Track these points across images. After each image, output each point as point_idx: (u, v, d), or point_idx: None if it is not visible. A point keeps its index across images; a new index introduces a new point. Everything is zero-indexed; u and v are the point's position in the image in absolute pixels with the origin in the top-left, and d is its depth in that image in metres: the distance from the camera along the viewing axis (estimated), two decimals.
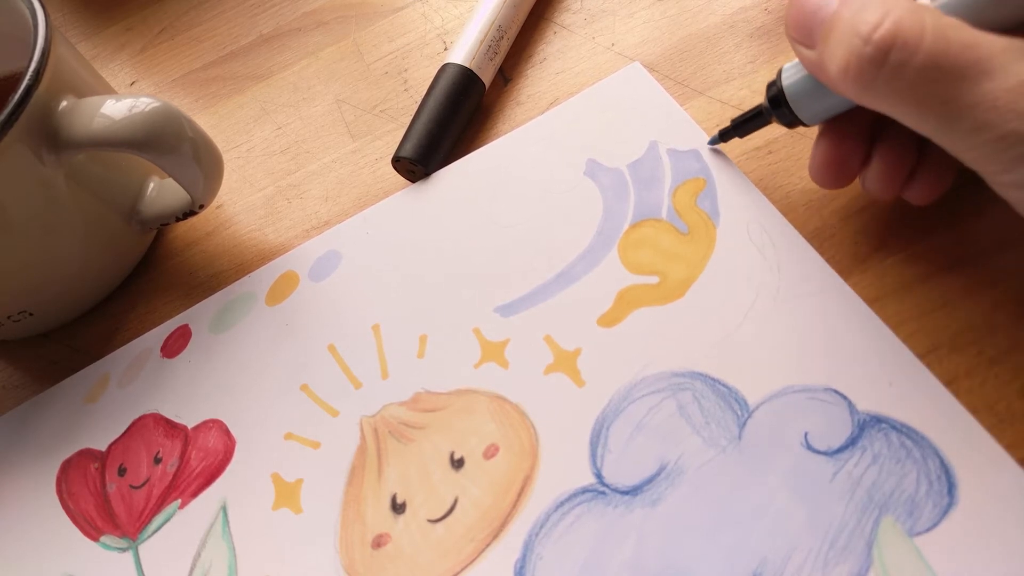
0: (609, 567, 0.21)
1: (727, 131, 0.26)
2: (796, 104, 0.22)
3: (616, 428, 0.23)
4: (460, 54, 0.31)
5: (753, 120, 0.25)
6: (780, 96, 0.23)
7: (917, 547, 0.19)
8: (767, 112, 0.24)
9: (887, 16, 0.17)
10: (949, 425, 0.21)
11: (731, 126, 0.26)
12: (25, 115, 0.24)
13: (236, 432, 0.26)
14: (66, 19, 0.43)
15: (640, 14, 0.32)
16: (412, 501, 0.23)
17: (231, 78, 0.37)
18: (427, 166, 0.30)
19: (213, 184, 0.28)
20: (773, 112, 0.23)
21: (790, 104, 0.23)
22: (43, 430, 0.28)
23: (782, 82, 0.23)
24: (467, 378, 0.25)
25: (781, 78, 0.23)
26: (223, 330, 0.29)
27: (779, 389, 0.22)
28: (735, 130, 0.26)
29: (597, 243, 0.27)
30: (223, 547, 0.24)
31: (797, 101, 0.22)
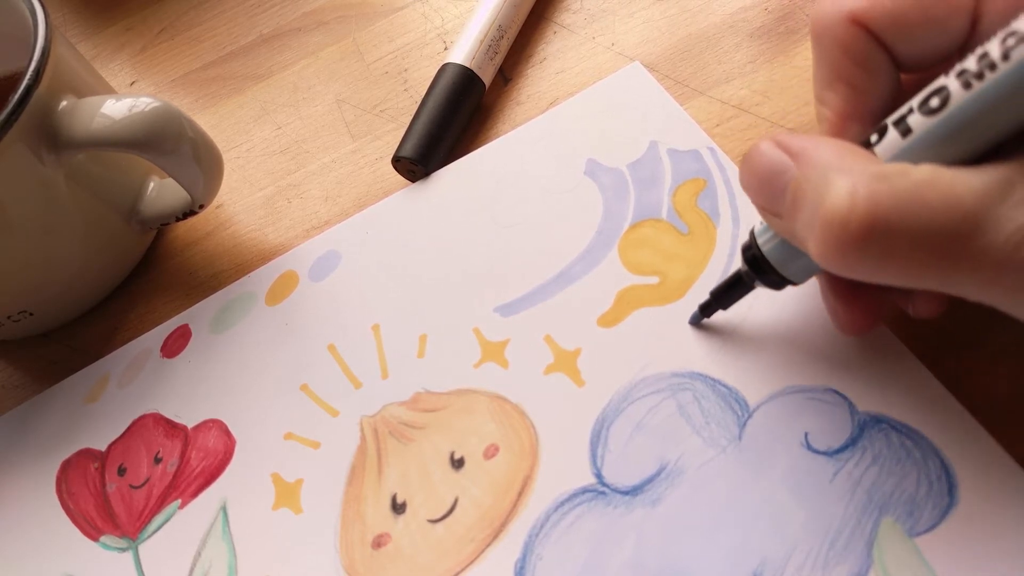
0: (609, 567, 0.21)
1: (708, 305, 0.23)
2: (779, 264, 0.20)
3: (616, 428, 0.23)
4: (460, 54, 0.31)
5: (734, 288, 0.22)
6: (760, 259, 0.20)
7: (917, 547, 0.19)
8: (748, 278, 0.21)
9: (855, 195, 0.15)
10: (949, 425, 0.21)
11: (711, 299, 0.23)
12: (25, 115, 0.24)
13: (236, 432, 0.26)
14: (66, 19, 0.43)
15: (640, 14, 0.32)
16: (412, 501, 0.23)
17: (231, 78, 0.37)
18: (427, 166, 0.30)
19: (213, 184, 0.28)
20: (756, 277, 0.21)
21: (775, 267, 0.20)
22: (43, 430, 0.28)
23: (759, 245, 0.20)
24: (467, 378, 0.25)
25: (756, 240, 0.20)
26: (223, 330, 0.29)
27: (779, 389, 0.22)
28: (716, 302, 0.23)
29: (597, 243, 0.27)
30: (223, 547, 0.24)
31: (779, 261, 0.20)
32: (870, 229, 0.15)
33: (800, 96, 0.28)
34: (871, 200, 0.15)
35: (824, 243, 0.16)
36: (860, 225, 0.15)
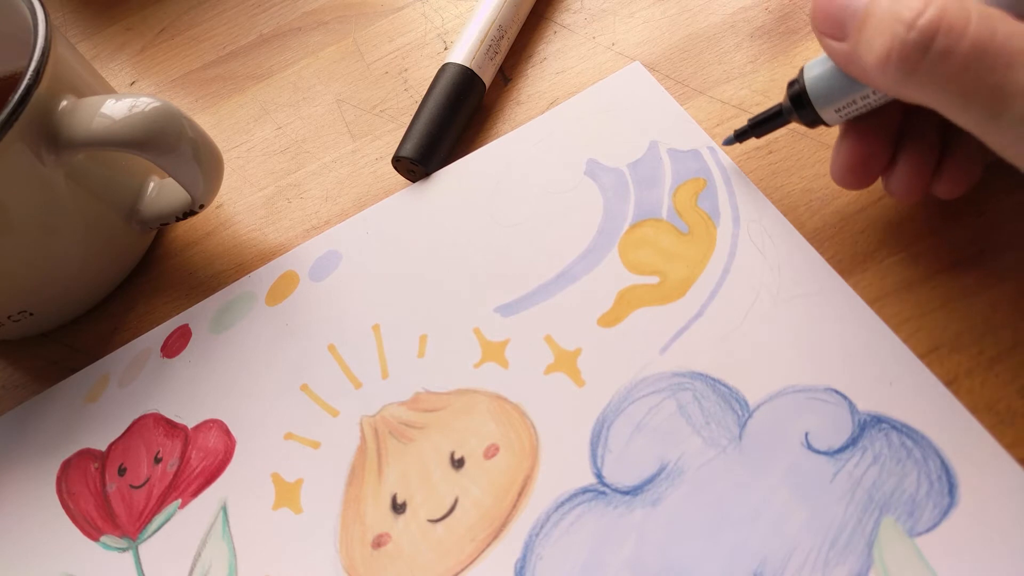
0: (609, 567, 0.21)
1: (744, 131, 0.25)
2: (819, 102, 0.22)
3: (616, 428, 0.23)
4: (460, 54, 0.31)
5: (771, 120, 0.24)
6: (802, 95, 0.22)
7: (918, 547, 0.19)
8: (787, 112, 0.23)
9: (930, 3, 0.17)
10: (949, 425, 0.21)
11: (748, 126, 0.25)
12: (25, 115, 0.24)
13: (236, 432, 0.26)
14: (66, 19, 0.43)
15: (640, 14, 0.32)
16: (412, 501, 0.23)
17: (231, 78, 0.37)
18: (427, 166, 0.30)
19: (213, 184, 0.28)
20: (794, 111, 0.23)
21: (813, 103, 0.22)
22: (43, 430, 0.28)
23: (804, 80, 0.22)
24: (467, 378, 0.25)
25: (803, 76, 0.22)
26: (223, 330, 0.29)
27: (779, 389, 0.22)
28: (752, 130, 0.25)
29: (597, 243, 0.26)
30: (223, 547, 0.24)
31: (820, 100, 0.22)
32: (935, 30, 0.17)
33: None
34: (942, 8, 0.17)
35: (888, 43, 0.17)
36: (926, 24, 0.17)
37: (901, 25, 0.17)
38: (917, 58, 0.17)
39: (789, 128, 0.27)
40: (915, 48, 0.17)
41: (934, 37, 0.17)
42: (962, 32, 0.16)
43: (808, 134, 0.27)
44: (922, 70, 0.17)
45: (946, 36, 0.17)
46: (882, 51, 0.18)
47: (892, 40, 0.17)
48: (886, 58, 0.17)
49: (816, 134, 0.27)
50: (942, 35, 0.17)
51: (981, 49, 0.16)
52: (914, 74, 0.17)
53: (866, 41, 0.18)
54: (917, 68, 0.17)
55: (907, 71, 0.17)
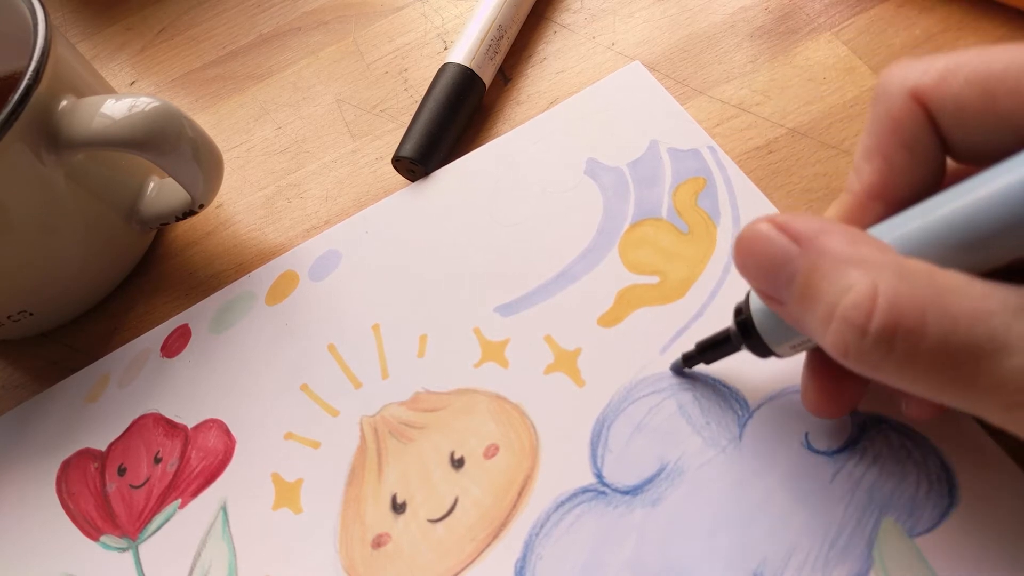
0: (609, 567, 0.21)
1: (691, 356, 0.22)
2: (769, 338, 0.19)
3: (616, 428, 0.23)
4: (460, 53, 0.31)
5: (720, 346, 0.21)
6: (750, 325, 0.19)
7: (918, 547, 0.19)
8: (736, 339, 0.20)
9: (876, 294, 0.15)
10: (949, 426, 0.21)
11: (695, 351, 0.22)
12: (25, 115, 0.24)
13: (236, 432, 0.26)
14: (66, 19, 0.43)
15: (640, 13, 0.32)
16: (412, 501, 0.23)
17: (231, 78, 0.37)
18: (427, 166, 0.30)
19: (213, 184, 0.28)
20: (744, 342, 0.20)
21: (762, 338, 0.19)
22: (43, 430, 0.28)
23: (750, 310, 0.19)
24: (467, 378, 0.25)
25: (749, 304, 0.20)
26: (223, 330, 0.29)
27: (779, 389, 0.22)
28: (699, 356, 0.22)
29: (597, 242, 0.26)
30: (223, 547, 0.24)
31: (770, 335, 0.19)
32: (892, 334, 0.15)
33: (800, 96, 0.28)
34: (893, 303, 0.15)
35: (843, 343, 0.15)
36: (880, 329, 0.15)
37: (852, 329, 0.15)
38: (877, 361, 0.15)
39: (789, 128, 0.27)
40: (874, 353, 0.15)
41: (891, 342, 0.15)
42: (921, 331, 0.15)
43: (809, 134, 0.27)
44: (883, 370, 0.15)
45: (905, 339, 0.15)
46: (836, 349, 0.16)
47: (845, 343, 0.15)
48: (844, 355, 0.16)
49: (817, 132, 0.27)
50: (900, 339, 0.15)
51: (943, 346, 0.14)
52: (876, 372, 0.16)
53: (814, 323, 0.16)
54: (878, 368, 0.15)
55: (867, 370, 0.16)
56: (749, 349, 0.20)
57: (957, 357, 0.14)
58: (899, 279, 0.15)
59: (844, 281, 0.15)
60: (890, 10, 0.29)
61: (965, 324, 0.14)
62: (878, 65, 0.28)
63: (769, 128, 0.28)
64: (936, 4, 0.29)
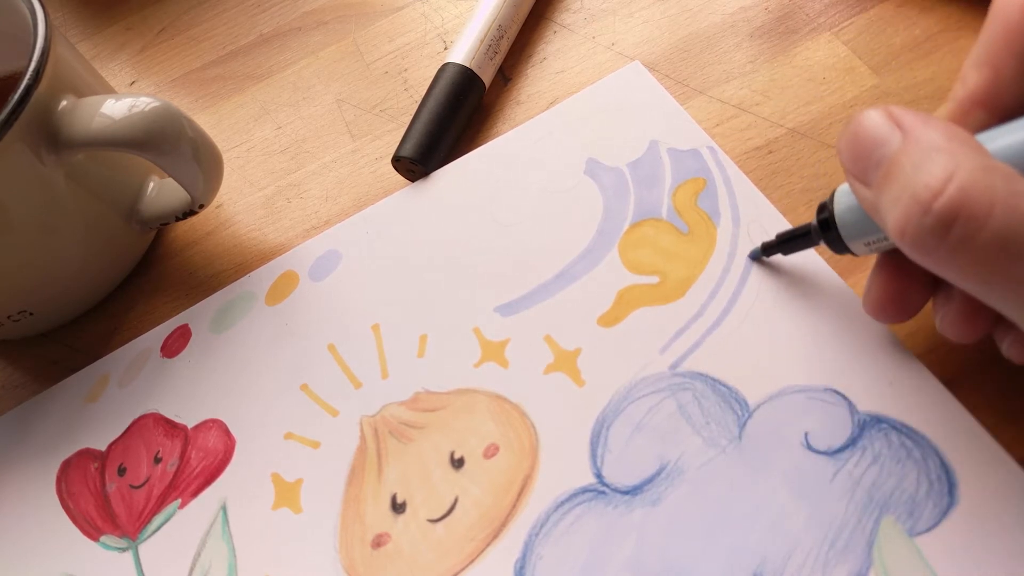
0: (609, 567, 0.21)
1: (770, 246, 0.24)
2: (847, 234, 0.20)
3: (616, 428, 0.23)
4: (460, 54, 0.31)
5: (799, 239, 0.23)
6: (831, 222, 0.21)
7: (918, 547, 0.19)
8: (816, 234, 0.22)
9: (952, 179, 0.15)
10: (949, 425, 0.21)
11: (775, 241, 0.23)
12: (25, 115, 0.24)
13: (236, 432, 0.26)
14: (66, 19, 0.43)
15: (640, 13, 0.32)
16: (412, 501, 0.23)
17: (231, 78, 0.37)
18: (427, 165, 0.30)
19: (213, 184, 0.28)
20: (822, 236, 0.21)
21: (841, 234, 0.20)
22: (43, 430, 0.28)
23: (834, 208, 0.20)
24: (467, 378, 0.25)
25: (833, 202, 0.21)
26: (223, 330, 0.29)
27: (779, 389, 0.22)
28: (778, 246, 0.23)
29: (597, 243, 0.26)
30: (223, 547, 0.24)
31: (848, 231, 0.20)
32: (954, 216, 0.15)
33: (800, 95, 0.28)
34: (965, 188, 0.15)
35: (905, 216, 0.16)
36: (945, 209, 0.15)
37: (917, 205, 0.15)
38: (933, 243, 0.15)
39: (789, 128, 0.27)
40: (931, 234, 0.15)
41: (951, 225, 0.15)
42: (983, 221, 0.15)
43: (808, 133, 0.27)
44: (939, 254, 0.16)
45: (964, 225, 0.15)
46: (898, 225, 0.16)
47: (907, 218, 0.16)
48: (901, 233, 0.16)
49: (817, 132, 0.27)
50: (960, 223, 0.15)
51: (1003, 241, 0.15)
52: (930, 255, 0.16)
53: (885, 204, 0.17)
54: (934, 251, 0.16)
55: (922, 252, 0.16)
56: (827, 244, 0.21)
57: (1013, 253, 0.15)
58: (979, 172, 0.15)
59: (927, 164, 0.16)
60: (890, 10, 0.29)
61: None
62: (878, 65, 0.28)
63: (769, 128, 0.28)
64: (936, 4, 0.29)
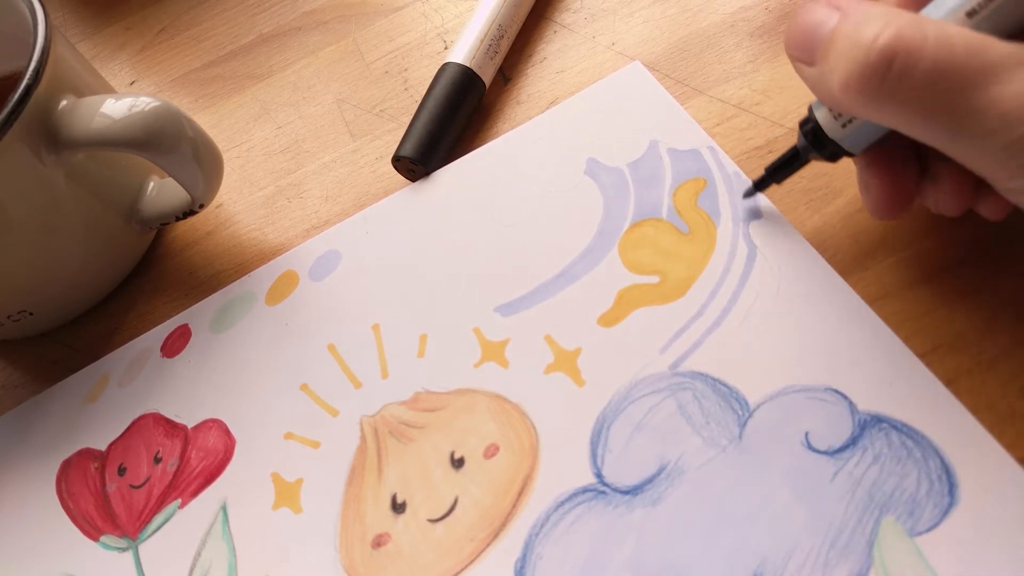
0: (609, 567, 0.21)
1: (763, 180, 0.24)
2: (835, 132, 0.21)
3: (616, 428, 0.23)
4: (460, 53, 0.31)
5: (790, 162, 0.23)
6: (818, 130, 0.21)
7: (918, 547, 0.19)
8: (805, 151, 0.22)
9: (887, 26, 0.17)
10: (950, 425, 0.21)
11: (766, 174, 0.24)
12: (25, 114, 0.24)
13: (236, 432, 0.26)
14: (66, 19, 0.43)
15: (640, 13, 0.32)
16: (412, 501, 0.23)
17: (231, 77, 0.37)
18: (427, 165, 0.30)
19: (213, 184, 0.28)
20: (813, 149, 0.22)
21: (830, 136, 0.21)
22: (43, 430, 0.28)
23: (816, 116, 0.21)
24: (467, 378, 0.25)
25: (813, 112, 0.21)
26: (223, 330, 0.29)
27: (780, 389, 0.22)
28: (771, 176, 0.24)
29: (597, 242, 0.26)
30: (223, 547, 0.24)
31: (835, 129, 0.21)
32: (892, 54, 0.17)
33: (800, 95, 0.28)
34: (899, 30, 0.17)
35: (847, 68, 0.17)
36: (885, 45, 0.17)
37: (859, 50, 0.17)
38: (877, 82, 0.17)
39: (789, 128, 0.27)
40: (874, 71, 0.17)
41: (892, 59, 0.17)
42: (919, 53, 0.16)
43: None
44: (882, 93, 0.17)
45: (904, 58, 0.17)
46: (843, 76, 0.18)
47: (851, 64, 0.17)
48: (847, 83, 0.17)
49: None
50: (900, 58, 0.17)
51: (940, 70, 0.16)
52: (875, 97, 0.17)
53: (830, 66, 0.18)
54: (878, 91, 0.17)
55: (868, 94, 0.17)
56: (819, 156, 0.22)
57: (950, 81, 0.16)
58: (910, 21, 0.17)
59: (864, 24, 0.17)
60: None
61: (961, 53, 0.16)
62: None
63: (769, 128, 0.28)
64: None
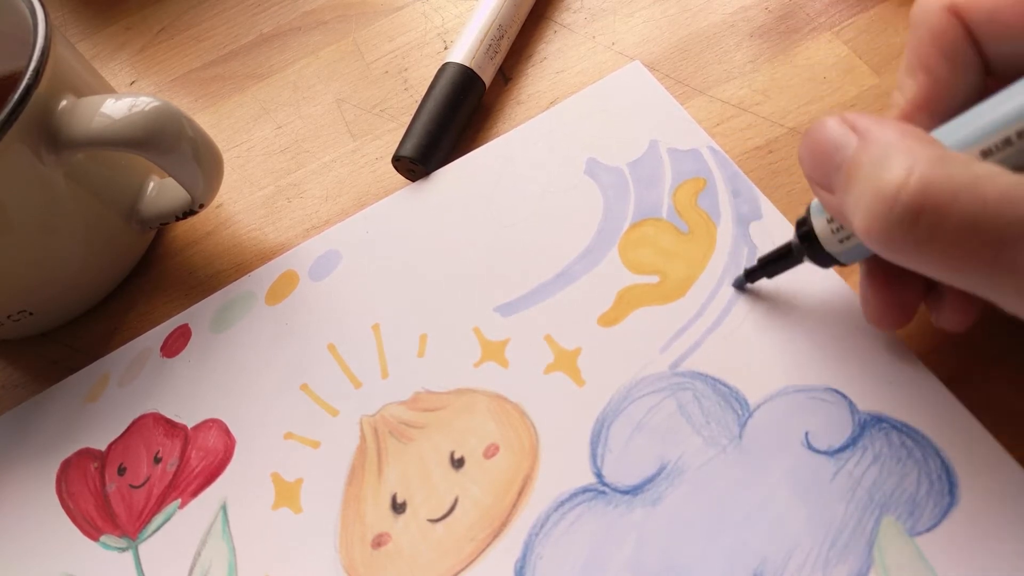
0: (609, 567, 0.21)
1: (753, 271, 0.23)
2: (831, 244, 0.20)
3: (616, 428, 0.23)
4: (460, 53, 0.31)
5: (783, 259, 0.22)
6: (812, 235, 0.20)
7: (918, 547, 0.19)
8: (798, 251, 0.21)
9: (912, 173, 0.15)
10: (950, 425, 0.21)
11: (758, 265, 0.23)
12: (25, 114, 0.24)
13: (236, 431, 0.26)
14: (66, 19, 0.43)
15: (640, 13, 0.32)
16: (412, 501, 0.23)
17: (231, 77, 0.37)
18: (427, 165, 0.30)
19: (213, 183, 0.28)
20: (806, 252, 0.21)
21: (824, 245, 0.20)
22: (43, 430, 0.28)
23: (813, 224, 0.20)
24: (467, 378, 0.25)
25: (811, 216, 0.20)
26: (223, 329, 0.29)
27: (780, 389, 0.22)
28: (762, 269, 0.23)
29: (597, 242, 0.26)
30: (223, 547, 0.24)
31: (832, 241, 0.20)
32: (919, 208, 0.15)
33: (800, 95, 0.28)
34: (925, 180, 0.15)
35: (871, 216, 0.16)
36: (909, 202, 0.15)
37: (882, 202, 0.16)
38: (901, 236, 0.16)
39: (789, 128, 0.27)
40: (898, 228, 0.16)
41: (918, 217, 0.15)
42: (948, 208, 0.15)
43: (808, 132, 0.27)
44: (908, 247, 0.16)
45: (931, 215, 0.15)
46: (864, 223, 0.16)
47: (874, 215, 0.16)
48: (868, 231, 0.16)
49: None
50: (927, 214, 0.15)
51: (971, 224, 0.15)
52: (901, 248, 0.16)
53: (850, 206, 0.17)
54: (903, 245, 0.16)
55: (892, 248, 0.16)
56: (811, 259, 0.21)
57: (981, 236, 0.15)
58: (937, 162, 0.15)
59: (886, 162, 0.16)
60: (890, 10, 0.29)
61: (994, 205, 0.15)
62: (878, 65, 0.28)
63: (769, 128, 0.28)
64: None
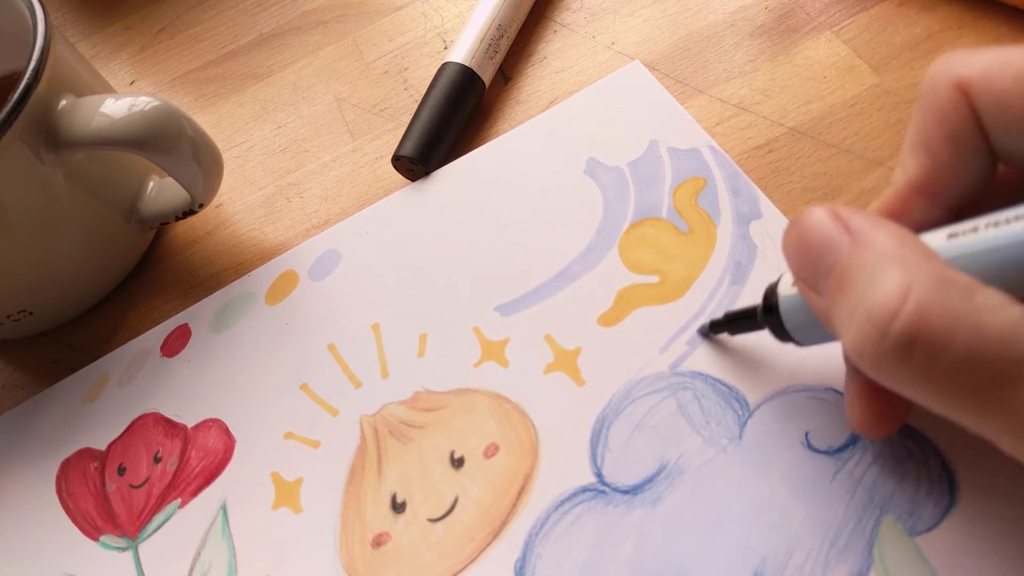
0: (609, 567, 0.21)
1: (717, 323, 0.23)
2: (792, 326, 0.19)
3: (616, 427, 0.23)
4: (460, 53, 0.31)
5: (744, 321, 0.21)
6: (776, 310, 0.19)
7: (918, 547, 0.19)
8: (762, 320, 0.20)
9: (908, 297, 0.14)
10: (950, 425, 0.20)
11: (723, 320, 0.22)
12: (24, 114, 0.24)
13: (236, 431, 0.26)
14: (66, 19, 0.43)
15: (640, 13, 0.32)
16: (412, 500, 0.23)
17: (231, 77, 0.37)
18: (427, 165, 0.30)
19: (213, 183, 0.28)
20: (766, 322, 0.20)
21: (788, 330, 0.19)
22: (43, 430, 0.28)
23: (779, 297, 0.19)
24: (467, 377, 0.25)
25: (778, 292, 0.19)
26: (223, 329, 0.29)
27: (780, 388, 0.22)
28: (725, 325, 0.22)
29: (597, 242, 0.26)
30: (223, 546, 0.24)
31: (793, 322, 0.19)
32: (914, 338, 0.14)
33: (800, 95, 0.28)
34: (922, 308, 0.14)
35: (861, 338, 0.15)
36: (904, 331, 0.14)
37: (874, 328, 0.14)
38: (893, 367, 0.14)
39: (789, 127, 0.27)
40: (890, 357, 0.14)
41: (911, 348, 0.14)
42: (945, 342, 0.14)
43: (808, 132, 0.27)
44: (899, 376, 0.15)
45: (926, 347, 0.14)
46: (853, 344, 0.15)
47: (864, 340, 0.15)
48: (859, 353, 0.15)
49: (817, 131, 0.27)
50: (921, 346, 0.14)
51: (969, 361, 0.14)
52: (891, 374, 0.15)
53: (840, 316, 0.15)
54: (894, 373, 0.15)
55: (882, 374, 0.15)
56: (771, 331, 0.20)
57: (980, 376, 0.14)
58: (936, 286, 0.14)
59: (880, 277, 0.15)
60: (890, 9, 0.29)
61: (995, 344, 0.13)
62: (878, 64, 0.28)
63: (769, 127, 0.28)
64: (936, 3, 0.29)
